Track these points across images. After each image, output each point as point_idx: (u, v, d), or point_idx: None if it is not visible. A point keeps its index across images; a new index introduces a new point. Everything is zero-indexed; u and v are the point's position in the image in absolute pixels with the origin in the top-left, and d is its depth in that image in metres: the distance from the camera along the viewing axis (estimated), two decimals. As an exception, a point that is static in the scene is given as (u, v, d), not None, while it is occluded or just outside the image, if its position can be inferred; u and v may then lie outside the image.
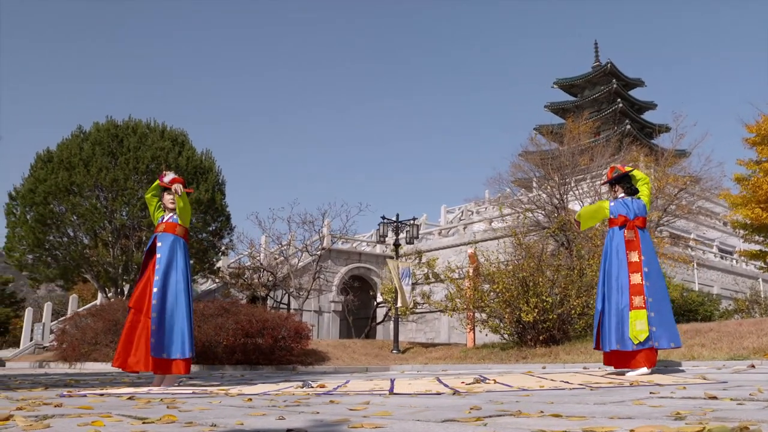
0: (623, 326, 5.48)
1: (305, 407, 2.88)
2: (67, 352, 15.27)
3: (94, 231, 18.95)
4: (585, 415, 2.42)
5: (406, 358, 16.84)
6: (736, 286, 30.76)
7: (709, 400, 3.09)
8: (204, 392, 4.21)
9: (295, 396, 3.75)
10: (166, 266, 5.29)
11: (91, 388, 5.01)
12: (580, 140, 27.30)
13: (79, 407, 2.77)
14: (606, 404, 2.97)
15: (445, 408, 2.79)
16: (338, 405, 3.01)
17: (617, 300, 5.55)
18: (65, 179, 18.50)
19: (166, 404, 3.04)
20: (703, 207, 27.86)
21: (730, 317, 18.16)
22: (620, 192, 6.03)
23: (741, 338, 8.39)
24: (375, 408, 2.78)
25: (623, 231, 5.75)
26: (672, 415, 2.41)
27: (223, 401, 3.24)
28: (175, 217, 5.53)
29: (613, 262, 5.70)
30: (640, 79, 54.91)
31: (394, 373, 9.86)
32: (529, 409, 2.69)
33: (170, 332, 5.14)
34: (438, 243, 30.95)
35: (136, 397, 3.59)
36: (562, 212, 22.48)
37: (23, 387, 5.35)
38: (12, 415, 2.22)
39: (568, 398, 3.37)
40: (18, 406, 2.69)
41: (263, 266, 21.50)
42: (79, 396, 3.76)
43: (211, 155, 21.44)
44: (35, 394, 4.05)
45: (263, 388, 4.80)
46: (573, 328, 10.42)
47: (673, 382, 4.55)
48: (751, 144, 20.04)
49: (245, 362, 13.70)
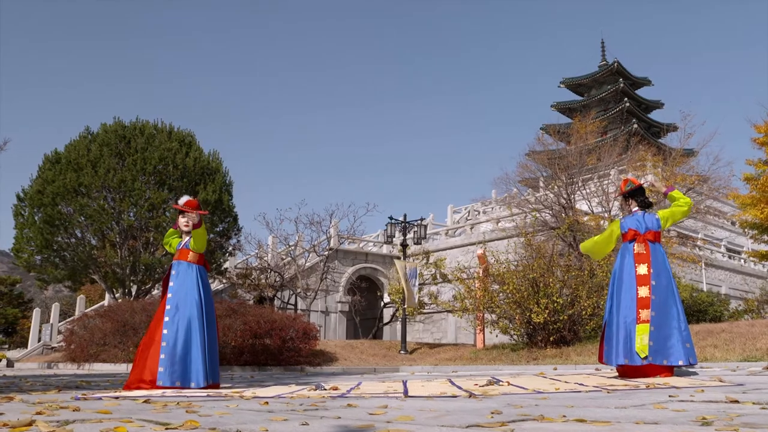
0: (631, 340, 5.39)
1: (324, 411, 2.86)
2: (76, 353, 15.31)
3: (102, 232, 18.98)
4: (609, 420, 2.39)
5: (414, 358, 16.82)
6: (744, 286, 30.64)
7: (730, 404, 3.06)
8: (218, 395, 4.19)
9: (310, 399, 3.73)
10: (179, 294, 5.22)
11: (104, 390, 5.00)
12: (587, 140, 27.23)
13: (97, 411, 2.75)
14: (627, 408, 2.94)
15: (465, 412, 2.76)
16: (356, 409, 2.99)
17: (625, 314, 5.49)
18: (73, 180, 18.54)
19: (184, 408, 3.02)
20: (711, 206, 27.73)
21: (740, 317, 18.07)
22: (634, 206, 5.95)
23: (754, 339, 8.34)
24: (395, 412, 2.76)
25: (633, 245, 5.70)
26: (698, 420, 2.38)
27: (240, 405, 3.22)
28: (188, 242, 5.44)
29: (624, 276, 5.64)
30: (647, 78, 54.75)
31: (404, 374, 9.83)
32: (551, 413, 2.66)
33: (183, 361, 5.04)
34: (445, 243, 30.92)
35: (152, 401, 3.58)
36: (570, 212, 22.43)
37: (36, 389, 5.35)
38: (34, 420, 2.21)
39: (587, 401, 3.34)
40: (37, 410, 2.68)
41: (271, 267, 21.51)
42: (95, 399, 3.75)
43: (218, 156, 21.45)
44: (50, 396, 4.04)
45: (276, 390, 4.78)
46: (583, 329, 10.37)
47: (689, 384, 4.51)
48: (760, 144, 19.95)
49: (253, 363, 13.71)
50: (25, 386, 5.95)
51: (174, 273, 5.31)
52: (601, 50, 57.25)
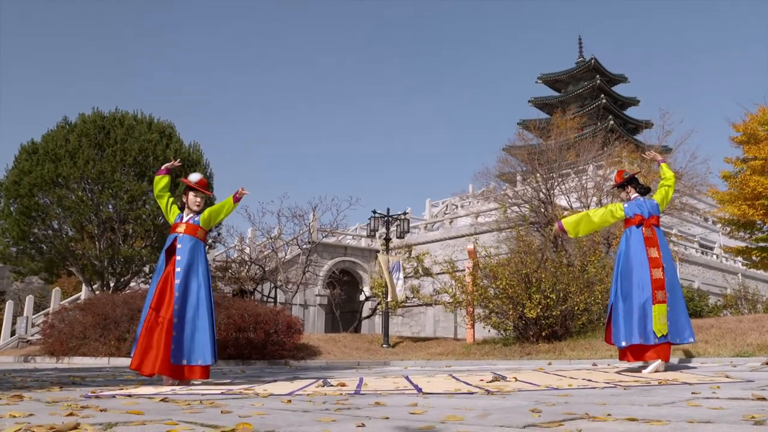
0: (646, 320, 5.55)
1: (357, 410, 2.80)
2: (55, 347, 15.01)
3: (81, 224, 18.62)
4: (660, 419, 2.37)
5: (397, 352, 16.79)
6: (716, 281, 31.16)
7: (759, 401, 3.07)
8: (230, 392, 4.11)
9: (329, 396, 3.67)
10: (187, 270, 5.16)
11: (108, 387, 4.88)
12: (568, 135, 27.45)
13: (128, 412, 2.66)
14: (660, 406, 2.93)
15: (505, 411, 2.72)
16: (387, 408, 2.93)
17: (638, 295, 5.60)
18: (51, 171, 18.16)
19: (218, 408, 2.93)
20: (687, 203, 28.14)
21: (719, 312, 18.39)
22: (633, 192, 6.12)
23: (743, 335, 8.46)
24: (435, 411, 2.71)
25: (641, 229, 5.81)
26: (747, 418, 2.37)
27: (266, 404, 3.15)
28: (196, 219, 5.41)
29: (632, 259, 5.73)
30: (623, 75, 55.31)
31: (396, 368, 9.80)
32: (592, 411, 2.63)
33: (191, 339, 5.03)
34: (424, 237, 30.96)
35: (170, 399, 3.49)
36: (550, 207, 22.59)
37: (29, 386, 5.20)
38: (79, 423, 2.12)
39: (613, 398, 3.33)
40: (68, 412, 2.58)
41: (252, 259, 21.33)
42: (108, 398, 3.65)
43: (199, 148, 21.18)
44: (58, 394, 3.92)
45: (285, 387, 4.71)
46: (575, 324, 10.44)
47: (698, 380, 4.54)
48: (738, 143, 20.28)
49: (237, 357, 13.58)
50: (17, 382, 5.79)
51: (180, 247, 5.23)
52: (579, 47, 57.74)
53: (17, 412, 2.46)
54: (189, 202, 5.45)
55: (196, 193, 5.47)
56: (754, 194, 18.66)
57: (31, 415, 2.47)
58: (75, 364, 13.30)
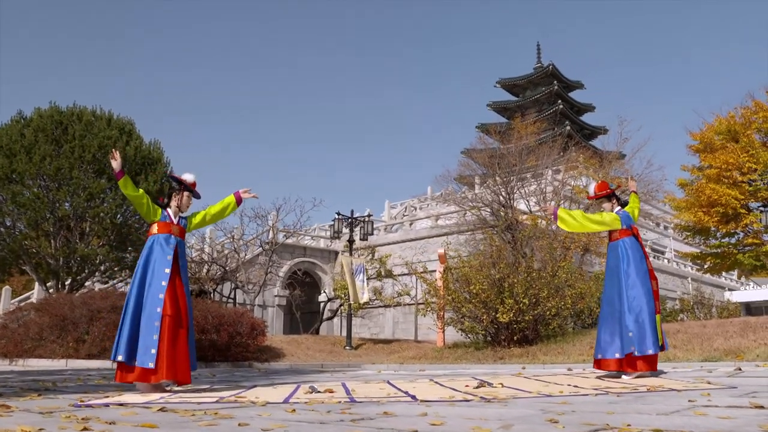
0: (654, 331, 5.61)
1: (370, 421, 2.76)
2: (8, 348, 14.48)
3: (36, 221, 18.04)
4: (682, 428, 2.39)
5: (360, 354, 16.75)
6: (668, 285, 31.97)
7: (758, 409, 3.14)
8: (225, 400, 4.02)
9: (327, 405, 3.61)
10: (186, 276, 5.07)
11: (88, 394, 4.72)
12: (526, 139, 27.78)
13: (140, 425, 2.56)
14: (669, 415, 2.96)
15: (522, 421, 2.71)
16: (399, 418, 2.90)
17: (641, 306, 5.60)
18: (5, 167, 17.55)
19: (214, 417, 2.85)
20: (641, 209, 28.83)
21: (676, 317, 18.86)
22: (616, 205, 6.18)
23: (709, 339, 8.68)
24: (454, 423, 2.68)
25: (637, 240, 5.90)
26: (765, 428, 2.41)
27: (272, 414, 3.08)
28: (184, 220, 5.31)
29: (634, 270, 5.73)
30: (579, 82, 56.32)
31: (370, 372, 9.75)
32: (611, 422, 2.64)
33: (192, 345, 4.97)
34: (384, 239, 30.98)
35: (168, 409, 3.38)
36: (510, 210, 22.84)
37: (3, 392, 4.99)
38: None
39: (616, 406, 3.35)
40: (82, 426, 2.47)
41: (213, 259, 21.02)
42: (101, 407, 3.53)
43: (159, 146, 20.72)
44: (44, 403, 3.77)
45: (273, 394, 4.62)
46: (546, 329, 10.55)
47: (683, 387, 4.62)
48: (695, 151, 20.81)
49: (200, 359, 13.32)
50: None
51: (180, 251, 5.12)
52: (537, 53, 58.58)
53: (27, 427, 2.34)
54: (183, 203, 5.30)
55: (192, 194, 5.37)
56: (709, 202, 19.19)
57: (42, 430, 2.36)
58: (31, 367, 12.86)
